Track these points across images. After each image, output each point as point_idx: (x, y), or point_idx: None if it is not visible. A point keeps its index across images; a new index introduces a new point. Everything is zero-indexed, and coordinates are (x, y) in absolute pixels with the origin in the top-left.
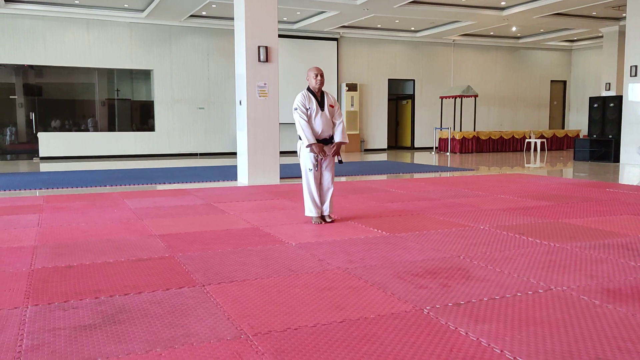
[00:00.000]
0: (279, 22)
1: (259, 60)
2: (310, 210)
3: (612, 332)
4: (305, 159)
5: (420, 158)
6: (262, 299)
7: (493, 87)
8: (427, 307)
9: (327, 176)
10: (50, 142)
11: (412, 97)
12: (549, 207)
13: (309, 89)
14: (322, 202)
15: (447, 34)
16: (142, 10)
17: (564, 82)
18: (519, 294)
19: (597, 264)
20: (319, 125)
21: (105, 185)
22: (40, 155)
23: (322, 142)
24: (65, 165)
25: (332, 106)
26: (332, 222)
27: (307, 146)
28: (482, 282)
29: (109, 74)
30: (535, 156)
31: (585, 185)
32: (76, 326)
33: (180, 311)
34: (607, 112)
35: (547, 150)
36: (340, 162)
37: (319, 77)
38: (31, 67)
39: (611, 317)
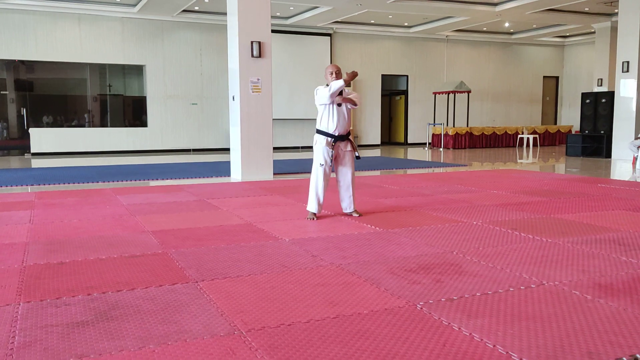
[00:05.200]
0: (272, 17)
1: (252, 55)
2: (311, 206)
3: (604, 327)
4: (318, 154)
5: (413, 154)
6: (256, 295)
7: (486, 83)
8: (421, 303)
9: (344, 172)
10: (41, 138)
11: (405, 92)
12: (541, 203)
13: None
14: (341, 200)
15: (440, 29)
16: (134, 5)
17: (557, 78)
18: (511, 289)
19: (589, 259)
20: (334, 120)
21: (98, 182)
22: (32, 151)
23: (339, 139)
24: (57, 161)
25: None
26: (359, 216)
27: (344, 80)
28: (474, 277)
29: (101, 70)
30: (527, 152)
31: (577, 180)
32: (69, 323)
33: (174, 307)
34: (599, 108)
35: (540, 145)
36: (358, 157)
37: (333, 75)
38: (22, 62)
39: (603, 311)
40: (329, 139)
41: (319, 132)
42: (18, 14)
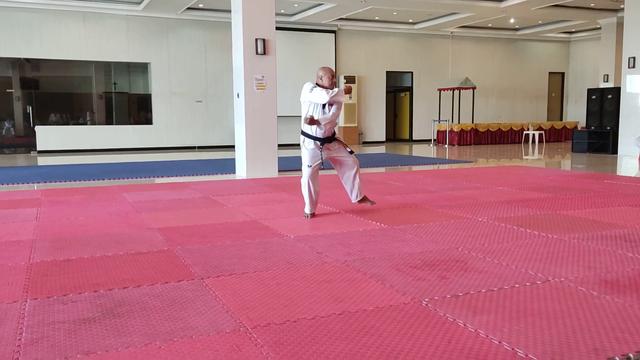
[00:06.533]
0: (277, 14)
1: (257, 52)
2: (307, 207)
3: (610, 323)
4: (306, 156)
5: (418, 150)
6: (261, 291)
7: (491, 79)
8: (426, 299)
9: (345, 169)
10: (47, 136)
11: (410, 89)
12: (547, 199)
13: (318, 85)
14: (350, 193)
15: (445, 25)
16: (139, 3)
17: (562, 74)
18: (517, 285)
19: (595, 255)
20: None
21: (104, 179)
22: (38, 148)
23: (326, 141)
24: (63, 159)
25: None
26: (373, 204)
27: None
28: (480, 273)
29: (106, 67)
30: (533, 148)
31: (583, 176)
32: (75, 320)
33: (179, 304)
34: (605, 104)
35: (545, 142)
36: (351, 152)
37: (333, 79)
38: (27, 60)
39: (609, 308)
40: (318, 142)
41: (305, 134)
42: (23, 12)
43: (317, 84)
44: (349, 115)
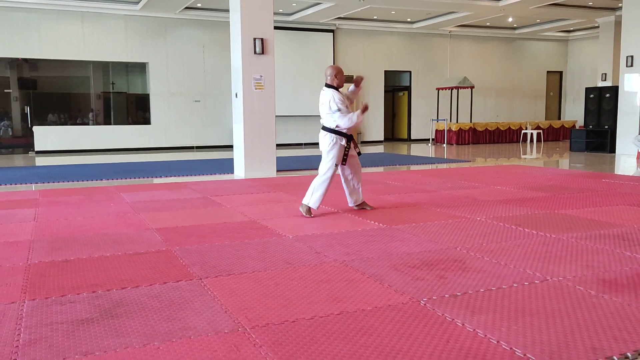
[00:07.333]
0: (275, 13)
1: (255, 52)
2: (317, 203)
3: (608, 322)
4: (336, 154)
5: (416, 150)
6: (260, 291)
7: (489, 78)
8: (424, 299)
9: (356, 168)
10: (45, 136)
11: (408, 88)
12: (545, 198)
13: (335, 88)
14: (351, 194)
15: (444, 25)
16: (137, 3)
17: (560, 73)
18: (515, 285)
19: (593, 255)
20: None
21: (102, 179)
22: (36, 149)
23: (351, 138)
24: (61, 159)
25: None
26: (372, 208)
27: (360, 113)
28: (478, 273)
29: (104, 67)
30: (531, 147)
31: (581, 176)
32: (74, 320)
33: (178, 304)
34: (603, 103)
35: (543, 141)
36: (359, 153)
37: (335, 79)
38: (25, 60)
39: (607, 307)
40: (346, 139)
41: (336, 132)
42: (21, 12)
43: (327, 84)
44: None
